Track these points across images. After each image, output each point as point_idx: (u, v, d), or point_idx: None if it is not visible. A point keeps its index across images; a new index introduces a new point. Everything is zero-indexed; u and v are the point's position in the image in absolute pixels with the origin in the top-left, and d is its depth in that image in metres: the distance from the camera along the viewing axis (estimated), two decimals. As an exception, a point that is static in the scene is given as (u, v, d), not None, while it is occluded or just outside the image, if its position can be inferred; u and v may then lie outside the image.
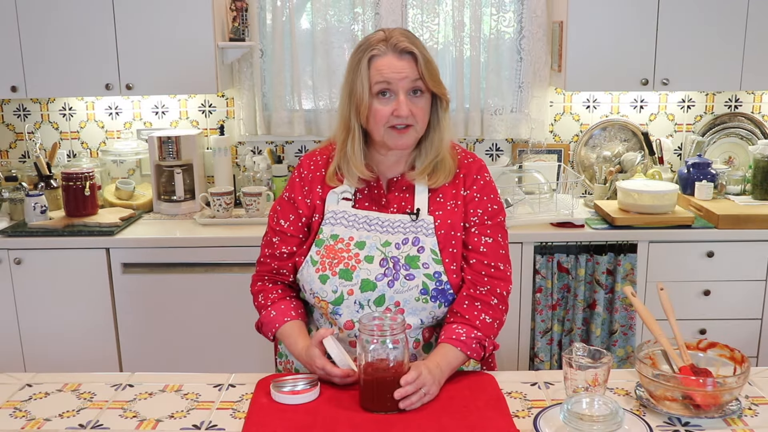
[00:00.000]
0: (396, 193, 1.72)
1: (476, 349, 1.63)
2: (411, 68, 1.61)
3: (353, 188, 1.72)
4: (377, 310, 1.63)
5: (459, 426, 1.42)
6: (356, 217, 1.69)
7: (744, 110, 3.45)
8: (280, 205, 1.79)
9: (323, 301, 1.67)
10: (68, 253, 2.92)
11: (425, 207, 1.70)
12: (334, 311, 1.66)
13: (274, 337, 1.75)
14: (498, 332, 1.70)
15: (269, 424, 1.44)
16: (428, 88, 1.64)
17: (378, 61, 1.61)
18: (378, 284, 1.64)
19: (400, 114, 1.61)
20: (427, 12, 3.29)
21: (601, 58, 3.06)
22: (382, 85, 1.61)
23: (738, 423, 1.45)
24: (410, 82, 1.61)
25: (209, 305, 2.97)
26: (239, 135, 3.45)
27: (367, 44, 1.64)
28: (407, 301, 1.64)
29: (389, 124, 1.63)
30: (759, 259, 2.93)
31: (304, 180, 1.76)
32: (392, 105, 1.61)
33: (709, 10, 3.00)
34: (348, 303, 1.64)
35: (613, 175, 3.26)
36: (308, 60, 3.36)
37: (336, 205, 1.71)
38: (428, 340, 1.71)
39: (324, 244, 1.68)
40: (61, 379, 1.67)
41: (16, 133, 3.49)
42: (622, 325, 2.95)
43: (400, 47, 1.61)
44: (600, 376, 1.47)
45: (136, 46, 3.04)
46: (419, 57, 1.61)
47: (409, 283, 1.64)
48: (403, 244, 1.66)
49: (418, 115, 1.63)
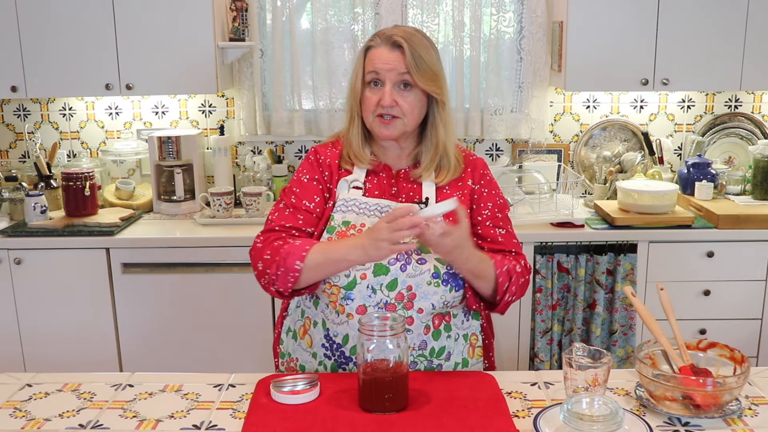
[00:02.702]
0: (405, 183, 1.76)
1: (504, 274, 1.67)
2: (399, 61, 1.66)
3: (363, 176, 1.75)
4: (389, 294, 1.64)
5: (459, 426, 1.42)
6: (367, 205, 1.72)
7: (744, 110, 3.45)
8: (299, 186, 1.75)
9: (335, 287, 1.66)
10: (68, 253, 2.92)
11: (433, 197, 1.74)
12: (345, 296, 1.66)
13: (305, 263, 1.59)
14: (522, 291, 1.74)
15: (269, 424, 1.44)
16: (416, 84, 1.67)
17: (372, 52, 1.70)
18: (391, 268, 1.65)
19: (383, 103, 1.67)
20: (427, 12, 3.29)
21: (601, 58, 3.06)
22: (372, 75, 1.69)
23: (738, 423, 1.45)
24: (397, 74, 1.67)
25: (209, 305, 2.97)
26: (239, 135, 3.45)
27: (373, 36, 1.73)
28: (419, 285, 1.65)
29: (376, 113, 1.69)
30: (759, 259, 2.93)
31: (323, 165, 1.77)
32: (379, 94, 1.68)
33: (709, 10, 3.00)
34: (360, 287, 1.65)
35: (613, 175, 3.26)
36: (308, 60, 3.36)
37: (347, 193, 1.74)
38: (438, 327, 1.71)
39: (336, 230, 1.70)
40: (61, 379, 1.67)
41: (16, 133, 3.49)
42: (622, 325, 2.95)
43: (392, 40, 1.67)
44: (600, 376, 1.47)
45: (136, 46, 3.04)
46: (407, 51, 1.66)
47: (421, 267, 1.65)
48: None
49: (405, 107, 1.68)
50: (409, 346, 1.66)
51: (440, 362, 1.72)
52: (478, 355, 1.81)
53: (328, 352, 1.72)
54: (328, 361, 1.72)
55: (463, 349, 1.76)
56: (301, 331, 1.78)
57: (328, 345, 1.71)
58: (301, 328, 1.78)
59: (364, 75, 1.70)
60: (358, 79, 1.70)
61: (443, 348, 1.72)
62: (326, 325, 1.71)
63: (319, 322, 1.74)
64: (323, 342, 1.72)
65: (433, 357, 1.71)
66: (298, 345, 1.79)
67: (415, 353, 1.68)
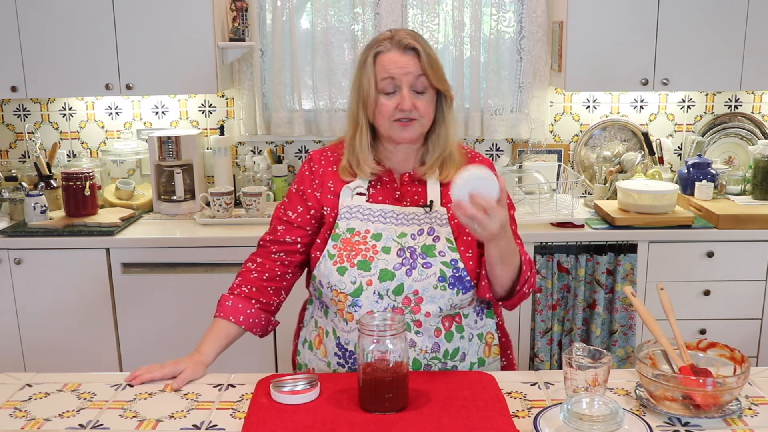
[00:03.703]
0: (409, 187, 1.76)
1: (527, 263, 1.67)
2: (414, 64, 1.66)
3: (366, 183, 1.74)
4: (396, 299, 1.64)
5: (459, 426, 1.42)
6: (371, 211, 1.72)
7: (744, 110, 3.45)
8: (288, 197, 1.82)
9: (341, 294, 1.67)
10: (68, 253, 2.92)
11: (438, 199, 1.73)
12: (353, 303, 1.66)
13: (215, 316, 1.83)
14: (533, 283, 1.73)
15: (269, 424, 1.44)
16: (432, 84, 1.68)
17: (383, 57, 1.67)
18: (396, 273, 1.65)
19: (403, 108, 1.66)
20: (427, 12, 3.29)
21: (601, 58, 3.06)
22: (387, 81, 1.66)
23: (738, 423, 1.44)
24: (414, 77, 1.66)
25: (209, 305, 2.95)
26: (239, 135, 3.45)
27: (374, 42, 1.71)
28: (426, 289, 1.65)
29: (394, 117, 1.67)
30: (759, 259, 2.93)
31: (315, 174, 1.78)
32: (396, 99, 1.67)
33: (709, 10, 3.00)
34: (367, 293, 1.65)
35: (613, 175, 3.26)
36: (308, 60, 3.36)
37: (350, 200, 1.73)
38: (449, 329, 1.71)
39: (340, 237, 1.70)
40: (61, 379, 1.67)
41: (16, 133, 3.49)
42: (622, 325, 2.95)
43: (404, 43, 1.66)
44: (600, 376, 1.47)
45: (136, 46, 3.04)
46: (422, 53, 1.66)
47: (426, 271, 1.65)
48: (419, 235, 1.69)
49: (422, 109, 1.68)
50: (422, 349, 1.67)
51: (455, 363, 1.71)
52: (495, 354, 1.80)
53: (342, 360, 1.71)
54: (342, 369, 1.72)
55: (478, 348, 1.75)
56: (316, 341, 1.78)
57: (340, 353, 1.71)
58: (316, 338, 1.78)
59: (376, 82, 1.67)
60: (372, 87, 1.67)
61: (457, 349, 1.71)
62: (337, 333, 1.71)
63: (330, 331, 1.74)
64: (335, 350, 1.72)
65: (447, 359, 1.70)
66: (314, 355, 1.78)
67: (428, 356, 1.68)
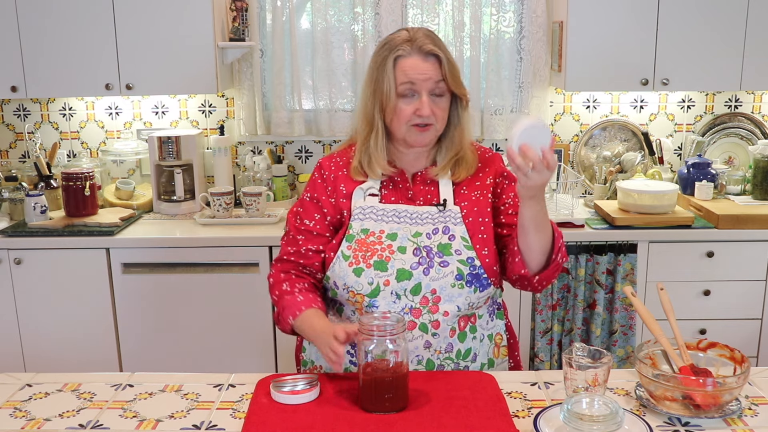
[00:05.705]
0: (421, 186, 1.76)
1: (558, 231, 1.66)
2: (435, 70, 1.65)
3: (378, 184, 1.74)
4: (414, 299, 1.64)
5: (459, 426, 1.42)
6: (384, 211, 1.71)
7: (744, 110, 3.45)
8: (302, 206, 1.78)
9: (358, 295, 1.66)
10: (68, 253, 2.92)
11: (451, 198, 1.73)
12: (370, 304, 1.66)
13: (293, 323, 1.68)
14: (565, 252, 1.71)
15: (269, 424, 1.44)
16: (450, 89, 1.68)
17: (403, 62, 1.66)
18: (413, 273, 1.65)
19: (422, 114, 1.65)
20: (427, 12, 3.29)
21: (601, 58, 3.06)
22: (406, 86, 1.65)
23: (738, 423, 1.44)
24: (433, 83, 1.66)
25: (209, 305, 2.97)
26: (239, 135, 3.45)
27: (392, 44, 1.68)
28: (443, 287, 1.65)
29: (411, 122, 1.67)
30: (759, 259, 2.93)
31: (327, 180, 1.77)
32: (415, 104, 1.66)
33: (709, 10, 3.00)
34: (384, 294, 1.65)
35: (613, 175, 3.26)
36: (308, 60, 3.36)
37: (363, 201, 1.73)
38: (463, 329, 1.70)
39: (355, 238, 1.69)
40: (61, 379, 1.67)
41: (16, 133, 3.49)
42: (622, 325, 2.95)
43: (426, 49, 1.65)
44: (600, 376, 1.47)
45: (136, 46, 3.04)
46: (443, 59, 1.66)
47: (443, 269, 1.65)
48: (434, 234, 1.69)
49: (438, 114, 1.68)
50: (436, 349, 1.67)
51: (467, 364, 1.71)
52: (503, 355, 1.80)
53: (354, 359, 1.70)
54: (354, 368, 1.70)
55: (488, 349, 1.76)
56: None
57: (353, 351, 1.70)
58: None
59: (396, 86, 1.66)
60: (391, 90, 1.65)
61: (469, 350, 1.71)
62: None
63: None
64: (348, 348, 1.69)
65: (460, 359, 1.70)
66: None
67: (441, 356, 1.68)
